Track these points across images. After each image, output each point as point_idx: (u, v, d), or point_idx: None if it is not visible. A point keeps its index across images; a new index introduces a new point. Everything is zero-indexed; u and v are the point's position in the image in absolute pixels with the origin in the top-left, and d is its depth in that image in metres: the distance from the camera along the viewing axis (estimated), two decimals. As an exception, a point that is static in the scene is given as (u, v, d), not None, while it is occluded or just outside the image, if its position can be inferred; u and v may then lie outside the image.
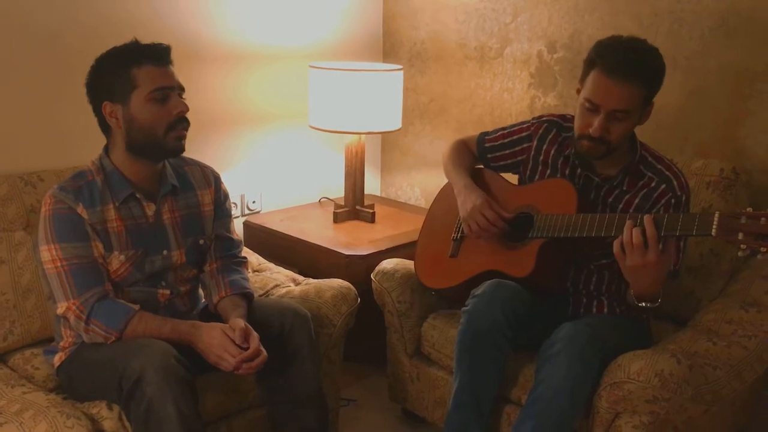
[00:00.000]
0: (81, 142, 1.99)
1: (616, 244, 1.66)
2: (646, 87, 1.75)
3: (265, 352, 1.69)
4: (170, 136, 1.74)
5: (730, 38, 2.22)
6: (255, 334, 1.72)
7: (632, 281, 1.71)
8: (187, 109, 1.75)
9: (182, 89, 1.77)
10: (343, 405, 2.37)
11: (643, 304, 1.74)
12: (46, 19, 2.16)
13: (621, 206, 1.89)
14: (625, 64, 1.72)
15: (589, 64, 1.79)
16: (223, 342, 1.68)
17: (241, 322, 1.73)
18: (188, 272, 1.91)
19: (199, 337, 1.71)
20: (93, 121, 1.76)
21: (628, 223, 1.66)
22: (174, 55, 1.77)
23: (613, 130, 1.78)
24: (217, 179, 1.97)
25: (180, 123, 1.75)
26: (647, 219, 1.62)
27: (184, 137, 1.77)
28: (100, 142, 1.80)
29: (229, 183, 2.06)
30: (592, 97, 1.77)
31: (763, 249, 1.49)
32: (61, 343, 1.81)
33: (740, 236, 1.51)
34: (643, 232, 1.63)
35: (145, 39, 1.74)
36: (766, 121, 2.20)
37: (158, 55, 1.72)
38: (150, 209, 1.81)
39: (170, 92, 1.73)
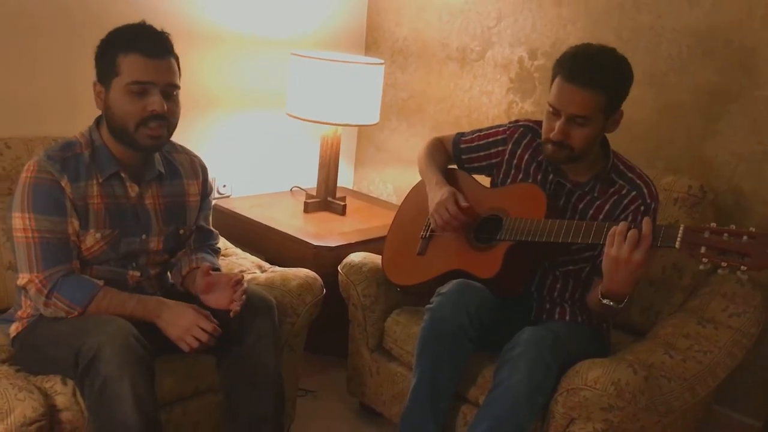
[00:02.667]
0: (52, 111, 1.95)
1: (611, 231, 1.65)
2: (606, 94, 1.78)
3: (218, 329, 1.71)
4: (141, 132, 1.68)
5: (706, 58, 2.26)
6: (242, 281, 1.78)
7: (608, 274, 1.69)
8: (163, 110, 1.67)
9: (171, 85, 1.69)
10: (301, 395, 2.37)
11: (607, 301, 1.73)
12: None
13: (591, 212, 1.92)
14: (584, 71, 1.76)
15: (554, 69, 1.84)
16: (196, 318, 1.68)
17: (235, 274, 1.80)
18: (161, 257, 1.89)
19: (162, 312, 1.70)
20: (63, 91, 1.73)
21: (625, 222, 1.65)
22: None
23: (574, 135, 1.81)
24: (204, 171, 1.96)
25: (153, 120, 1.67)
26: (646, 221, 1.62)
27: (158, 136, 1.70)
28: (71, 113, 1.77)
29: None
30: (554, 102, 1.81)
31: (723, 264, 1.51)
32: (19, 312, 1.78)
33: (703, 250, 1.53)
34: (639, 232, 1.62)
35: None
36: (733, 141, 2.24)
37: (150, 46, 1.65)
38: (133, 190, 1.78)
39: (150, 87, 1.66)
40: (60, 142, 1.74)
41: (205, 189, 1.96)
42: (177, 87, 1.72)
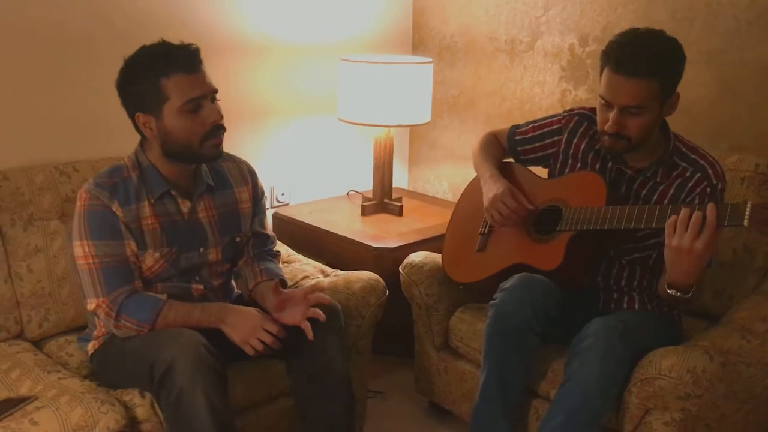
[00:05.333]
0: (115, 133, 2.01)
1: (671, 219, 1.61)
2: (658, 80, 1.72)
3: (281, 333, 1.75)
4: (206, 144, 1.71)
5: (766, 32, 2.18)
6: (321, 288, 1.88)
7: (671, 265, 1.65)
8: (222, 117, 1.71)
9: (215, 92, 1.72)
10: (371, 397, 2.38)
11: (673, 292, 1.69)
12: (79, 16, 2.19)
13: (655, 197, 1.87)
14: (631, 60, 1.70)
15: (602, 60, 1.79)
16: (261, 321, 1.71)
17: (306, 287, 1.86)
18: (222, 267, 1.92)
19: (226, 316, 1.73)
20: (122, 110, 1.77)
21: (687, 209, 1.60)
22: (205, 47, 1.73)
23: (630, 125, 1.76)
24: (253, 175, 1.97)
25: (216, 131, 1.71)
26: (710, 207, 1.57)
27: (221, 143, 1.74)
28: (135, 134, 1.81)
29: (258, 175, 2.07)
30: (605, 95, 1.77)
31: (797, 241, 1.46)
32: (95, 332, 1.85)
33: (773, 227, 1.49)
34: (703, 218, 1.57)
35: (174, 34, 1.69)
36: (803, 115, 2.16)
37: (187, 61, 1.66)
38: (185, 206, 1.81)
39: (203, 101, 1.68)
40: (107, 169, 1.78)
41: (257, 193, 1.97)
42: (217, 90, 1.74)
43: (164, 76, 1.65)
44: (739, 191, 2.07)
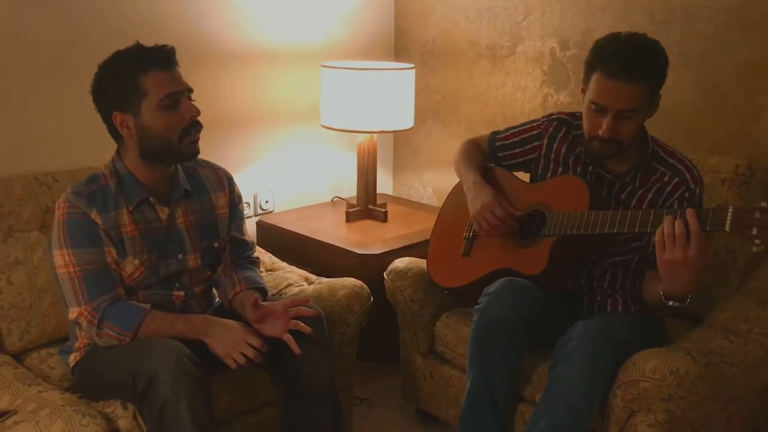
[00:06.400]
0: (94, 143, 1.99)
1: (658, 234, 1.61)
2: (649, 83, 1.74)
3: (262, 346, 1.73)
4: (185, 141, 1.73)
5: (745, 34, 2.20)
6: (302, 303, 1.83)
7: (667, 278, 1.65)
8: (199, 113, 1.73)
9: (191, 91, 1.75)
10: (357, 404, 2.37)
11: (671, 303, 1.69)
12: (54, 26, 2.18)
13: (634, 202, 1.88)
14: (627, 65, 1.71)
15: (590, 66, 1.79)
16: (244, 334, 1.70)
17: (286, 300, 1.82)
18: (203, 274, 1.91)
19: (209, 329, 1.72)
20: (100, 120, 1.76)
21: (669, 217, 1.60)
22: (185, 55, 1.75)
23: (623, 129, 1.77)
24: (230, 181, 1.97)
25: (193, 127, 1.73)
26: (690, 212, 1.58)
27: (198, 140, 1.76)
28: (113, 143, 1.81)
29: (241, 183, 2.07)
30: (599, 100, 1.76)
31: (776, 244, 1.47)
32: (76, 344, 1.82)
33: (754, 231, 1.49)
34: (686, 226, 1.58)
35: (153, 41, 1.71)
36: (781, 116, 2.18)
37: (164, 59, 1.69)
38: (163, 213, 1.81)
39: (180, 97, 1.71)
40: (85, 177, 1.78)
41: (233, 198, 1.96)
42: (192, 90, 1.75)
43: (142, 73, 1.67)
44: (720, 192, 2.09)
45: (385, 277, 2.26)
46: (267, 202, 2.88)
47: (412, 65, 2.71)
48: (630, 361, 1.69)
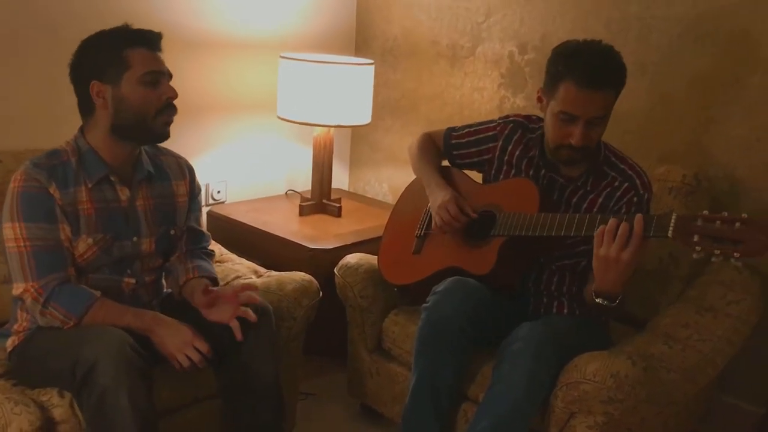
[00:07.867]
0: (40, 123, 1.95)
1: (599, 229, 1.63)
2: (615, 90, 1.79)
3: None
4: (159, 120, 1.73)
5: (697, 46, 2.25)
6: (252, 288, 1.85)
7: (599, 274, 1.67)
8: (176, 95, 1.75)
9: (171, 76, 1.76)
10: (302, 399, 2.36)
11: (600, 300, 1.71)
12: (9, 9, 2.12)
13: (585, 206, 1.91)
14: (600, 74, 1.74)
15: (557, 76, 1.78)
16: (192, 338, 1.68)
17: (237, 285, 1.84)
18: (155, 262, 1.89)
19: (157, 327, 1.69)
20: (51, 102, 1.72)
21: (614, 219, 1.63)
22: None
23: (593, 135, 1.80)
24: (191, 171, 1.97)
25: (168, 108, 1.74)
26: (638, 218, 1.60)
27: (170, 123, 1.77)
28: (60, 124, 1.76)
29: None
30: (569, 109, 1.77)
31: (717, 252, 1.50)
32: (15, 327, 1.77)
33: (696, 238, 1.52)
34: (630, 229, 1.60)
35: (112, 26, 1.71)
36: (728, 128, 2.23)
37: (151, 39, 1.72)
38: (123, 193, 1.78)
39: (161, 77, 1.73)
40: (46, 152, 1.74)
41: (193, 189, 1.96)
42: (172, 76, 1.78)
43: (129, 47, 1.69)
44: (667, 201, 2.13)
45: (336, 272, 2.25)
46: (219, 192, 2.85)
47: (372, 61, 2.70)
48: (572, 363, 1.72)
